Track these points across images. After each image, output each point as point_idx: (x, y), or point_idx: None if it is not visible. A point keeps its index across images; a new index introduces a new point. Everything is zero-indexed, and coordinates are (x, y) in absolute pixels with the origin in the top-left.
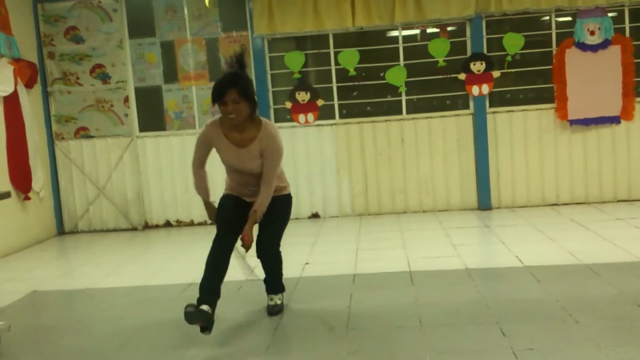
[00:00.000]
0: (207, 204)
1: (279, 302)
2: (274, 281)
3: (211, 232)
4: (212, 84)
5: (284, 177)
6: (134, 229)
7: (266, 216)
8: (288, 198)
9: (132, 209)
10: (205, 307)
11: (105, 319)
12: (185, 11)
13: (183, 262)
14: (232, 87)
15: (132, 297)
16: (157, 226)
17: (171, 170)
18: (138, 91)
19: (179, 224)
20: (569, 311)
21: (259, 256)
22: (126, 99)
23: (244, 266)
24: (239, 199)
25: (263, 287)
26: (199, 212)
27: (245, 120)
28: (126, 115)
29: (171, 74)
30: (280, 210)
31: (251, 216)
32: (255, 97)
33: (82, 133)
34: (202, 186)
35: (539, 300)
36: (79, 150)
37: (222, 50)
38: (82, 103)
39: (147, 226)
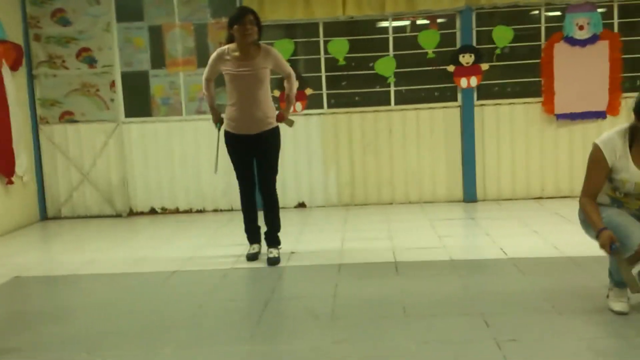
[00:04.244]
0: (213, 109)
1: (277, 255)
2: (273, 235)
3: (196, 220)
4: (199, 70)
5: (272, 105)
6: (118, 215)
7: (260, 152)
8: (276, 130)
9: (117, 195)
10: (256, 248)
11: (89, 305)
12: None
13: (168, 249)
14: (250, 13)
15: (117, 283)
16: (141, 213)
17: (157, 156)
18: (124, 76)
19: (164, 211)
20: (552, 303)
21: (261, 192)
22: (112, 84)
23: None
24: (243, 145)
25: (249, 275)
26: (184, 200)
27: (254, 42)
28: (112, 100)
29: (158, 59)
30: (272, 143)
31: (287, 99)
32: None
33: (67, 117)
34: (209, 95)
35: (523, 292)
36: (63, 134)
37: (211, 36)
38: (68, 87)
39: (131, 213)
